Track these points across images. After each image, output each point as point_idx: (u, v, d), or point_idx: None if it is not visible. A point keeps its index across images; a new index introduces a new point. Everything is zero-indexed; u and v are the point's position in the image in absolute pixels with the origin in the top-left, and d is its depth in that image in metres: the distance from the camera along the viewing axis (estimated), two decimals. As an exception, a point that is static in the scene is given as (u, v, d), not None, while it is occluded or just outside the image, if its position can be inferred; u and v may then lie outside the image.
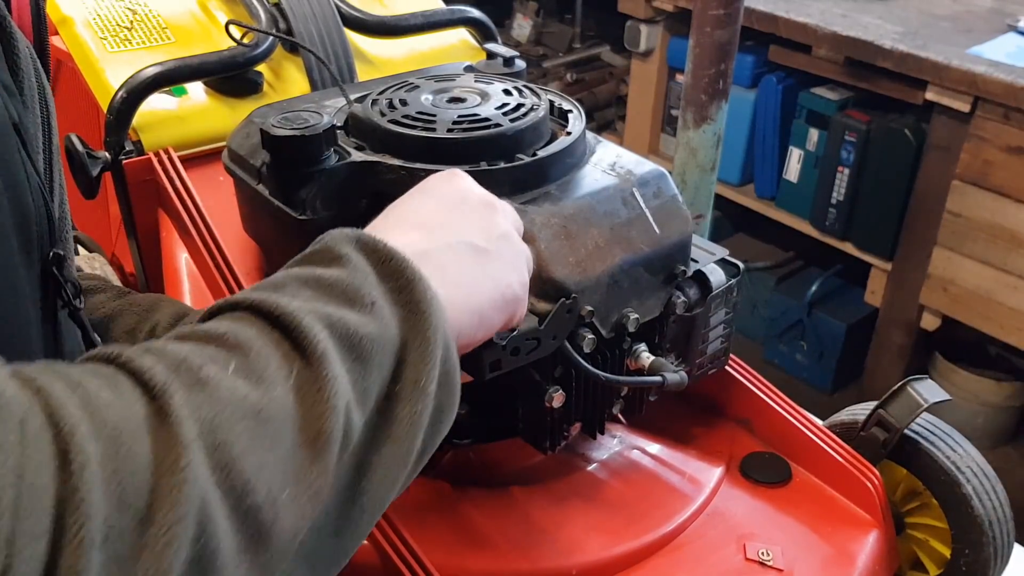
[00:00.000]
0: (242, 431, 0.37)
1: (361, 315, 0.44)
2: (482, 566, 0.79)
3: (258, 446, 0.38)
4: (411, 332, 0.46)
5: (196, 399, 0.37)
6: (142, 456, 0.34)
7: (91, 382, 0.35)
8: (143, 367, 0.37)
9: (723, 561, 0.83)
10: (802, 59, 2.44)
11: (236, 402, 0.38)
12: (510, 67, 0.97)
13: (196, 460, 0.35)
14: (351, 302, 0.45)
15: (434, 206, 0.57)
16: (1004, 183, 2.07)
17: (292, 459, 0.39)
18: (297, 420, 0.40)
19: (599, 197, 0.77)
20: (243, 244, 0.91)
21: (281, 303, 0.42)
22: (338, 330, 0.43)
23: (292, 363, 0.41)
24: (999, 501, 0.88)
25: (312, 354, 0.41)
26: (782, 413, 0.93)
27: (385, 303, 0.46)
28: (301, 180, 0.76)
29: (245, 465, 0.37)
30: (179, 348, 0.39)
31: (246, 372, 0.39)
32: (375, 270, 0.47)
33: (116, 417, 0.34)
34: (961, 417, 2.37)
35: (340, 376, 0.41)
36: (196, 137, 1.02)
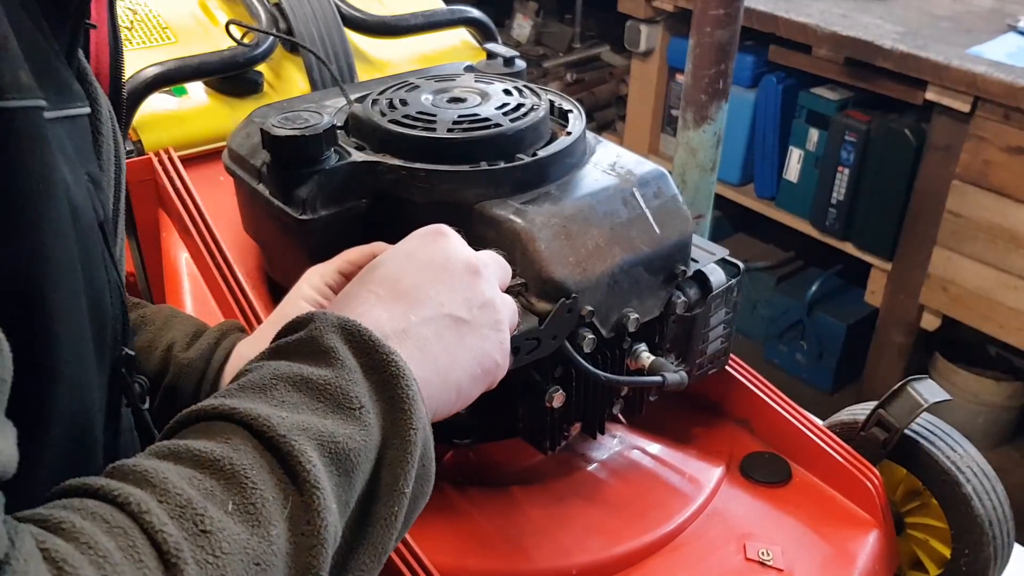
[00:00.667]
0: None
1: (349, 424, 0.45)
2: (482, 566, 0.79)
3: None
4: (391, 431, 0.47)
5: (203, 557, 0.38)
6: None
7: (105, 544, 0.36)
8: (154, 526, 0.37)
9: (723, 561, 0.83)
10: (802, 59, 2.44)
11: (239, 553, 0.39)
12: (510, 67, 0.97)
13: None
14: (340, 407, 0.46)
15: (415, 272, 0.57)
16: (1004, 183, 2.07)
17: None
18: (289, 558, 0.41)
19: (599, 197, 0.77)
20: (243, 244, 0.91)
21: (273, 423, 0.43)
22: (328, 448, 0.44)
23: (287, 493, 0.42)
24: (999, 501, 0.88)
25: (305, 484, 0.42)
26: (782, 413, 0.93)
27: (370, 402, 0.47)
28: (301, 180, 0.76)
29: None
30: (179, 483, 0.40)
31: (244, 511, 0.40)
32: (360, 364, 0.48)
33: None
34: (961, 417, 2.37)
35: (329, 503, 0.42)
36: (196, 137, 1.02)
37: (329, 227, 0.76)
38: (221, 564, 0.38)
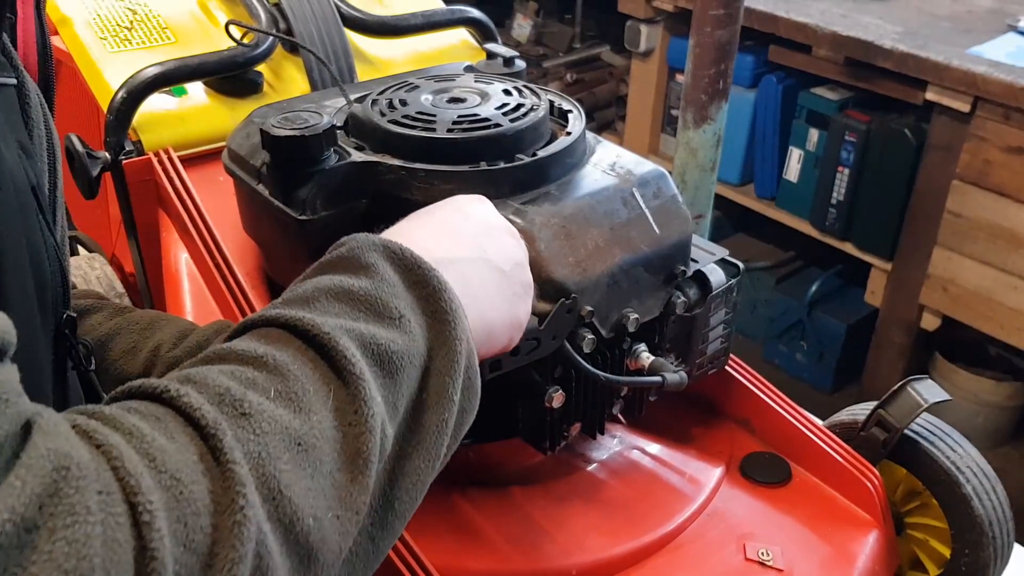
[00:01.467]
0: (287, 462, 0.39)
1: (390, 330, 0.46)
2: (482, 566, 0.79)
3: (303, 475, 0.39)
4: (436, 341, 0.47)
5: (243, 435, 0.38)
6: (201, 499, 0.36)
7: (145, 427, 0.36)
8: (192, 405, 0.38)
9: (723, 561, 0.83)
10: (802, 59, 2.44)
11: (279, 433, 0.39)
12: (510, 67, 0.97)
13: (251, 499, 0.36)
14: (380, 316, 0.46)
15: (460, 221, 0.59)
16: (1004, 183, 2.07)
17: (334, 483, 0.41)
18: (337, 444, 0.41)
19: (599, 197, 0.77)
20: (243, 244, 0.91)
21: (316, 322, 0.43)
22: (371, 348, 0.44)
23: (329, 385, 0.42)
24: (999, 501, 0.88)
25: (349, 375, 0.42)
26: (782, 413, 0.93)
27: (412, 314, 0.47)
28: (301, 180, 0.76)
29: (292, 495, 0.38)
30: (220, 377, 0.40)
31: (286, 398, 0.40)
32: (402, 279, 0.48)
33: (173, 463, 0.36)
34: (961, 417, 2.37)
35: (375, 395, 0.43)
36: (196, 137, 1.02)
37: (329, 227, 0.76)
38: (261, 442, 0.38)
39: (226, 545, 0.35)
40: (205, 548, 0.35)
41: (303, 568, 0.39)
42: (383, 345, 0.44)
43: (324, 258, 0.51)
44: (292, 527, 0.38)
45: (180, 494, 0.35)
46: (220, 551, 0.35)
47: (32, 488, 0.30)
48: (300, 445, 0.40)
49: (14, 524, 0.29)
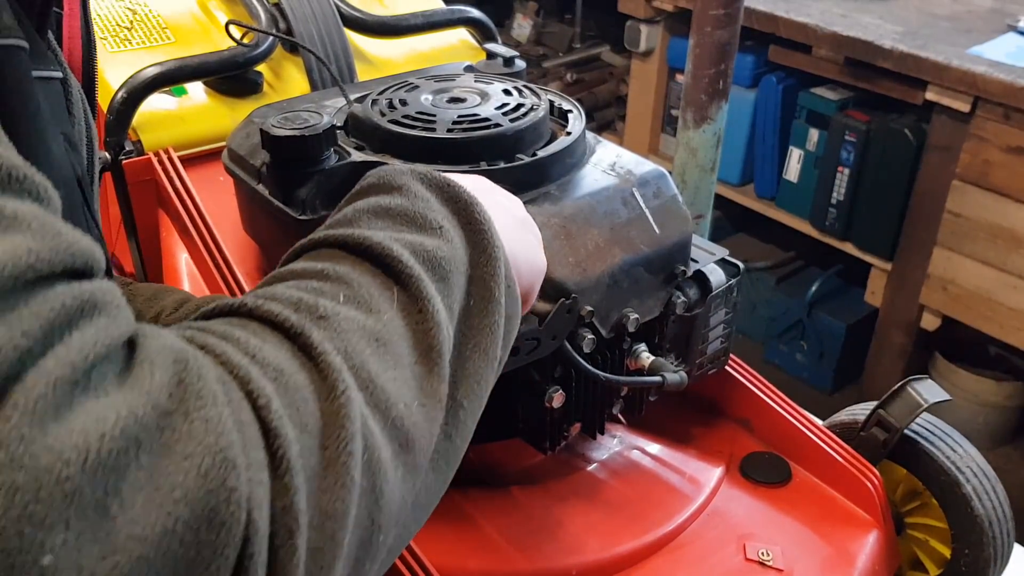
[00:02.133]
0: (370, 355, 0.41)
1: (433, 239, 0.47)
2: (482, 566, 0.79)
3: (386, 366, 0.41)
4: (475, 250, 0.49)
5: (326, 334, 0.40)
6: (305, 387, 0.37)
7: (237, 332, 0.38)
8: (272, 312, 0.40)
9: (723, 561, 0.83)
10: (802, 59, 2.44)
11: (357, 330, 0.41)
12: (510, 67, 0.97)
13: (350, 384, 0.39)
14: (421, 228, 0.48)
15: (473, 183, 0.60)
16: (1004, 183, 2.07)
17: (414, 374, 0.43)
18: (409, 339, 0.43)
19: (599, 197, 0.77)
20: (243, 244, 0.91)
21: (366, 235, 0.45)
22: (420, 254, 0.46)
23: (391, 289, 0.44)
24: (999, 501, 0.88)
25: (408, 278, 0.44)
26: (782, 413, 0.93)
27: (450, 225, 0.49)
28: (301, 180, 0.76)
29: (383, 383, 0.41)
30: (288, 290, 0.42)
31: (355, 302, 0.43)
32: (435, 196, 0.50)
33: (273, 358, 0.38)
34: (961, 417, 2.36)
35: (433, 293, 0.45)
36: (196, 137, 1.02)
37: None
38: (344, 338, 0.40)
39: (336, 426, 0.37)
40: (317, 430, 0.37)
41: (402, 452, 0.41)
42: (431, 251, 0.46)
43: (355, 189, 0.53)
44: (388, 412, 0.40)
45: (286, 383, 0.37)
46: (331, 432, 0.37)
47: (160, 377, 0.32)
48: (378, 341, 0.42)
49: (153, 407, 0.31)
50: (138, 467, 0.30)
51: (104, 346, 0.31)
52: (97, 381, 0.31)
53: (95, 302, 0.32)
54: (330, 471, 0.36)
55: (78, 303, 0.31)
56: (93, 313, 0.32)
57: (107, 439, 0.29)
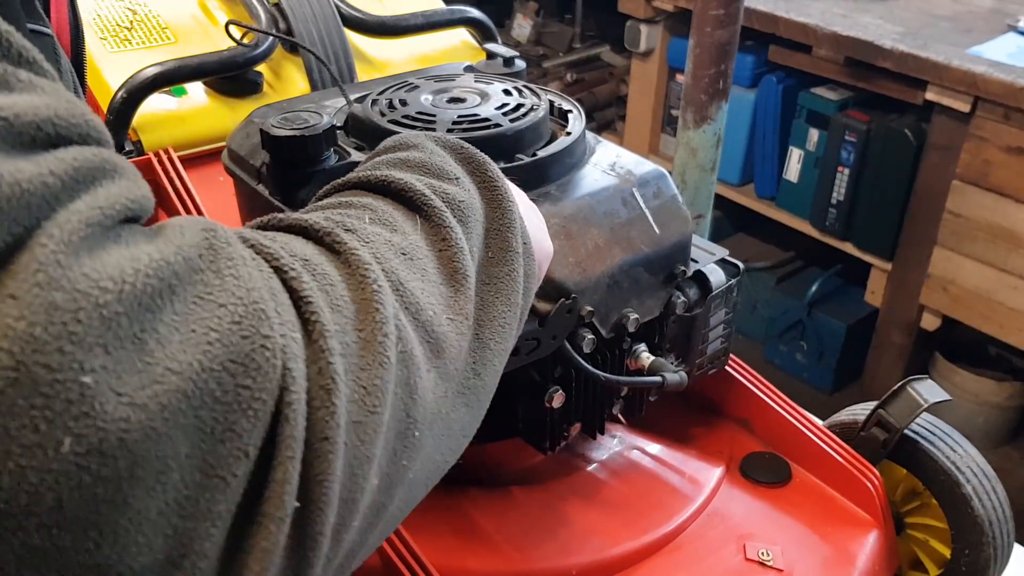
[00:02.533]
0: (399, 264, 0.42)
1: (452, 185, 0.48)
2: (482, 566, 0.79)
3: (415, 276, 0.42)
4: (492, 203, 0.50)
5: (355, 237, 0.41)
6: (334, 275, 0.38)
7: (262, 236, 0.38)
8: (302, 219, 0.40)
9: (723, 561, 0.83)
10: (802, 59, 2.44)
11: (385, 243, 0.42)
12: (510, 67, 0.97)
13: (380, 277, 0.39)
14: (440, 176, 0.49)
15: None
16: (1004, 183, 2.07)
17: (440, 290, 0.44)
18: (434, 259, 0.44)
19: (599, 197, 0.77)
20: (243, 244, 0.91)
21: (389, 175, 0.47)
22: (440, 195, 0.47)
23: (414, 218, 0.45)
24: (999, 501, 0.88)
25: (430, 209, 0.45)
26: (782, 413, 0.93)
27: (468, 177, 0.50)
28: (301, 180, 0.76)
29: (412, 288, 0.41)
30: (314, 214, 0.42)
31: (381, 222, 0.43)
32: (450, 154, 0.52)
33: (300, 250, 0.38)
34: (961, 417, 2.36)
35: (456, 226, 0.46)
36: (196, 137, 1.02)
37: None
38: (372, 245, 0.41)
39: (370, 310, 0.37)
40: (352, 313, 0.37)
41: (434, 356, 0.41)
42: (451, 195, 0.47)
43: (372, 152, 0.53)
44: (419, 315, 0.41)
45: (315, 269, 0.37)
46: (365, 315, 0.37)
47: (190, 238, 0.32)
48: (405, 254, 0.42)
49: (185, 259, 0.31)
50: (173, 311, 0.30)
51: (132, 200, 0.32)
52: (128, 235, 0.31)
53: (117, 165, 0.32)
54: (367, 350, 0.37)
55: (100, 160, 0.31)
56: (115, 174, 0.32)
57: (141, 275, 0.29)
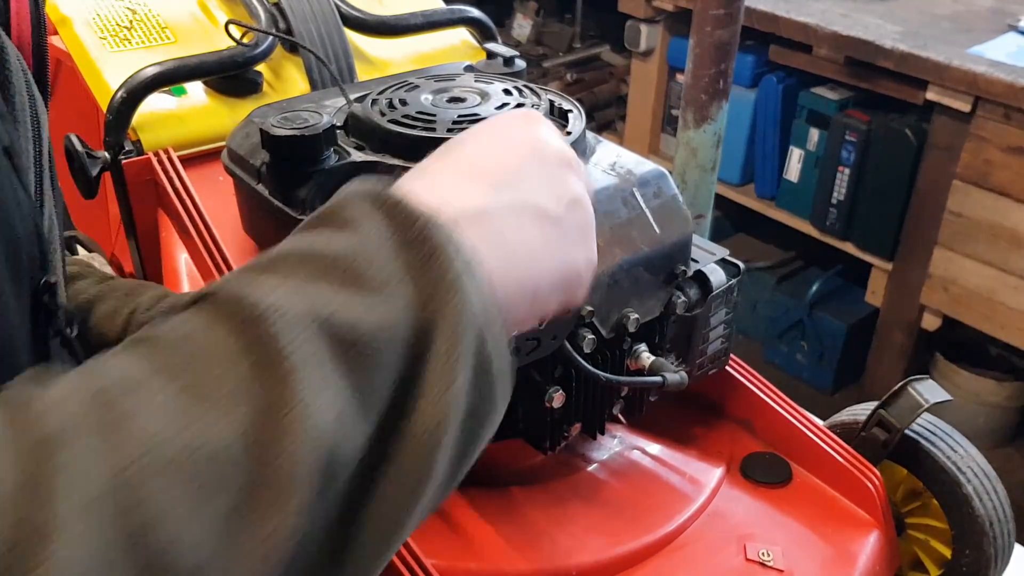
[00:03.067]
0: (169, 478, 0.30)
1: (364, 301, 0.36)
2: (482, 566, 0.78)
3: (188, 497, 0.30)
4: (433, 317, 0.37)
5: (103, 446, 0.30)
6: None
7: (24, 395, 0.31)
8: (40, 412, 0.30)
9: (723, 562, 0.82)
10: (802, 59, 2.44)
11: (164, 444, 0.30)
12: (510, 67, 0.97)
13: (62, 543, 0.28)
14: (355, 284, 0.36)
15: (502, 154, 0.48)
16: (1005, 183, 2.07)
17: (238, 510, 0.31)
18: (250, 459, 0.32)
19: (599, 197, 0.77)
20: (243, 244, 0.90)
21: (258, 299, 0.35)
22: (329, 327, 0.35)
23: (254, 384, 0.33)
24: (1000, 501, 0.87)
25: (280, 368, 0.33)
26: (782, 413, 0.93)
27: (400, 283, 0.37)
28: (301, 180, 0.76)
29: (168, 526, 0.30)
30: (113, 363, 0.33)
31: (192, 395, 0.32)
32: (395, 237, 0.38)
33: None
34: (961, 417, 2.36)
35: (316, 397, 0.33)
36: (196, 137, 1.01)
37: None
38: (132, 456, 0.30)
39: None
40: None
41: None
42: (348, 323, 0.35)
43: (321, 208, 0.42)
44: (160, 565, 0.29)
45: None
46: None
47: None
48: (194, 454, 0.31)
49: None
50: None
51: None
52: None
53: None
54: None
55: None
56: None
57: None
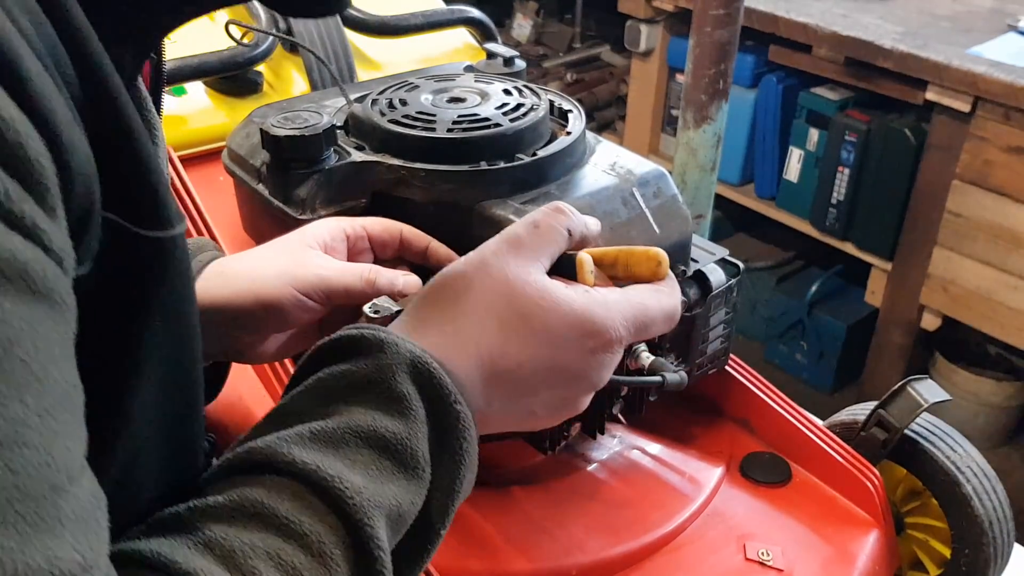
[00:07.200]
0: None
1: (411, 484, 0.44)
2: (482, 566, 0.79)
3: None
4: (441, 478, 0.47)
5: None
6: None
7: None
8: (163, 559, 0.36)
9: (723, 561, 0.83)
10: (802, 59, 2.44)
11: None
12: (510, 67, 0.97)
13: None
14: (406, 468, 0.44)
15: (540, 367, 0.50)
16: (1004, 183, 2.07)
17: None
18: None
19: (599, 197, 0.77)
20: (243, 244, 0.90)
21: (351, 501, 0.41)
22: (393, 518, 0.43)
23: (351, 566, 0.41)
24: (999, 501, 0.88)
25: (374, 571, 0.41)
26: (782, 413, 0.93)
27: (431, 456, 0.46)
28: (301, 180, 0.76)
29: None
30: (261, 563, 0.38)
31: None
32: (427, 413, 0.46)
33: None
34: (961, 417, 2.36)
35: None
36: (196, 137, 1.02)
37: (329, 227, 0.76)
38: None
39: None
40: None
41: None
42: (404, 511, 0.44)
43: (349, 368, 0.46)
44: None
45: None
46: None
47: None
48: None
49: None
50: None
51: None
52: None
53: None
54: None
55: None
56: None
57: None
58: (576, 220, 0.55)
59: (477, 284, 0.50)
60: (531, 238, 0.53)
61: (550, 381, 0.51)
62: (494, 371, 0.49)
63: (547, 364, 0.50)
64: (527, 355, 0.49)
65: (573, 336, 0.50)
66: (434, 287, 0.52)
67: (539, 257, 0.52)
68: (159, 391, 0.41)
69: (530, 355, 0.50)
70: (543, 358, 0.50)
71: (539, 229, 0.53)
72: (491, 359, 0.49)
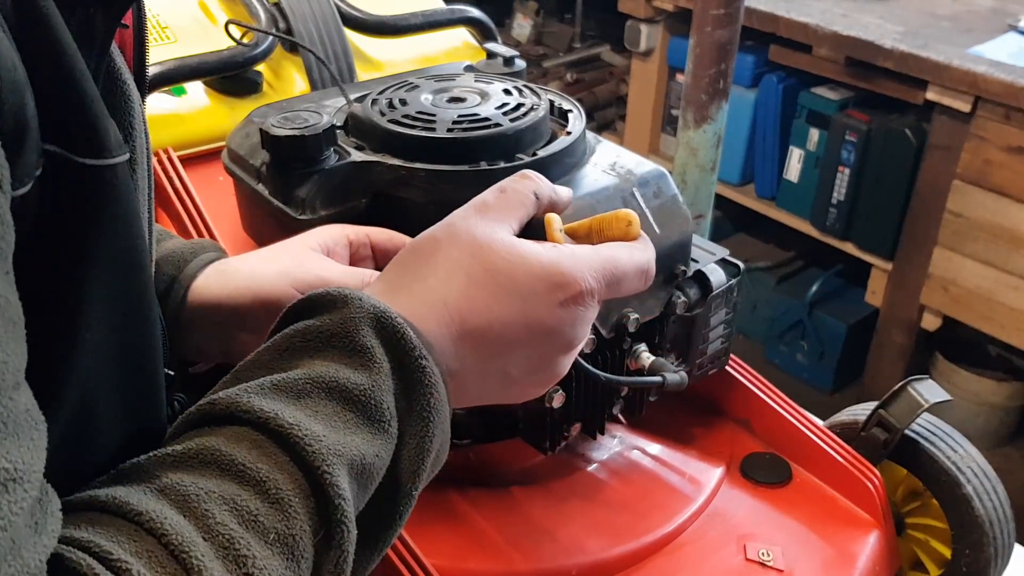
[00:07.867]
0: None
1: (375, 440, 0.43)
2: (482, 566, 0.79)
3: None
4: (410, 434, 0.45)
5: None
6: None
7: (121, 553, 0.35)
8: (185, 551, 0.36)
9: (723, 561, 0.83)
10: (802, 59, 2.44)
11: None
12: (510, 67, 0.97)
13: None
14: (371, 421, 0.43)
15: (510, 322, 0.49)
16: (1005, 183, 2.07)
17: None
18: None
19: (599, 197, 0.77)
20: (243, 244, 0.90)
21: (312, 448, 0.40)
22: (356, 469, 0.42)
23: (318, 531, 0.40)
24: (999, 501, 0.88)
25: (336, 522, 0.41)
26: (782, 413, 0.93)
27: (396, 409, 0.45)
28: (301, 180, 0.76)
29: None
30: (224, 516, 0.38)
31: (284, 544, 0.39)
32: (391, 365, 0.45)
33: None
34: (961, 417, 2.36)
35: (352, 535, 0.41)
36: (196, 137, 1.01)
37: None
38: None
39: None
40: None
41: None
42: (368, 464, 0.42)
43: (313, 323, 0.45)
44: None
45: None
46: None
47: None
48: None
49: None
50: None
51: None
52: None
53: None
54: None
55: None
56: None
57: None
58: (544, 185, 0.56)
59: (444, 245, 0.50)
60: (497, 201, 0.53)
61: (523, 338, 0.50)
62: (464, 328, 0.49)
63: (518, 319, 0.49)
64: (496, 311, 0.49)
65: (541, 288, 0.49)
66: (404, 252, 0.52)
67: (506, 219, 0.52)
68: (109, 330, 0.41)
69: (500, 311, 0.49)
70: (513, 313, 0.49)
71: (505, 193, 0.54)
72: (460, 316, 0.48)
